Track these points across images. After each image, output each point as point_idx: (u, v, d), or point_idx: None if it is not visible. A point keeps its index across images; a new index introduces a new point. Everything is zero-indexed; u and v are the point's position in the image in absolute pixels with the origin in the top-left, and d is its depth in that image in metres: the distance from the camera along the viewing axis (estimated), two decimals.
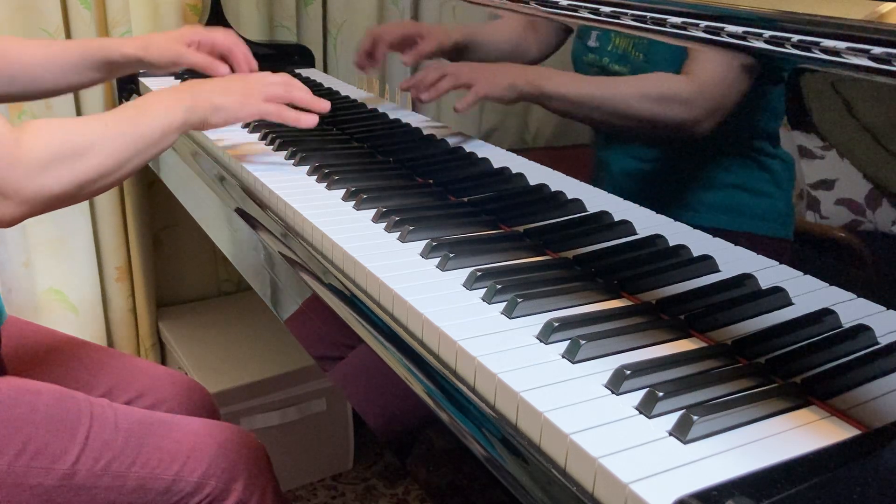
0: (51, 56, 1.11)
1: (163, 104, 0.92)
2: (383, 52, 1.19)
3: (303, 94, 1.05)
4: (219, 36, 1.20)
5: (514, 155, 0.96)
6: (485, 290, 0.72)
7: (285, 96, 1.03)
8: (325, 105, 1.06)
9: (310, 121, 1.04)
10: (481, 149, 1.01)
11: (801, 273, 0.65)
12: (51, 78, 1.12)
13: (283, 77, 1.05)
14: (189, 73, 1.55)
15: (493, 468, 0.56)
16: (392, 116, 1.18)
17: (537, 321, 0.67)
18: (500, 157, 0.98)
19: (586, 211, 0.87)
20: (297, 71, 1.49)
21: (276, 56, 1.54)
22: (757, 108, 0.67)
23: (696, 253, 0.75)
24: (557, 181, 0.90)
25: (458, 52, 1.03)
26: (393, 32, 1.16)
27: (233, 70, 1.20)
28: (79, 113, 1.60)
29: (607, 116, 0.82)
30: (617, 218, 0.83)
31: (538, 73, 0.90)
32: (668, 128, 0.75)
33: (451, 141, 1.06)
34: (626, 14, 0.77)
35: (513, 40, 0.94)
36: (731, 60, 0.68)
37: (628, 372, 0.58)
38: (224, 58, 1.20)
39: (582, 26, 0.83)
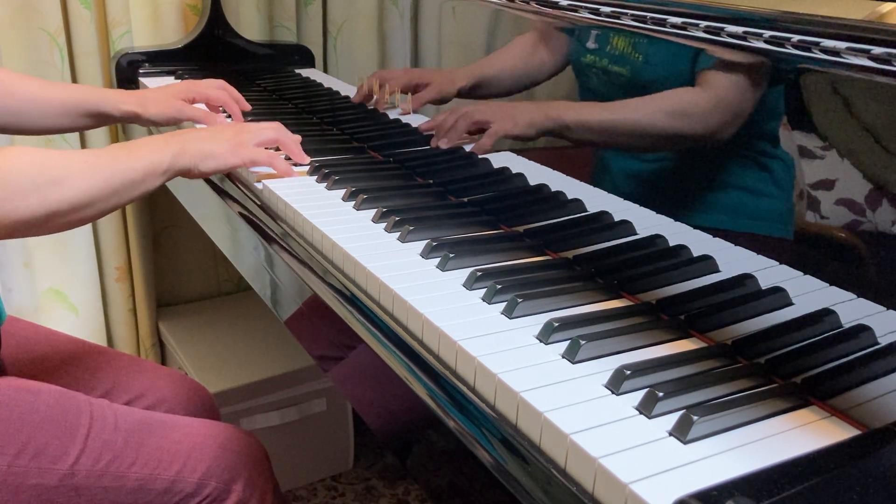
0: (44, 96, 1.11)
1: (150, 147, 0.91)
2: (385, 94, 1.19)
3: (291, 144, 1.05)
4: (211, 92, 1.23)
5: (514, 155, 0.96)
6: (485, 290, 0.72)
7: (276, 142, 1.04)
8: (307, 159, 1.07)
9: (299, 173, 1.04)
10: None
11: (801, 273, 0.65)
12: (41, 118, 1.12)
13: (274, 125, 1.05)
14: (189, 75, 1.55)
15: (492, 468, 0.56)
16: (392, 116, 1.18)
17: (537, 321, 0.67)
18: (500, 157, 0.98)
19: (586, 211, 0.87)
20: (297, 71, 1.49)
21: (276, 56, 1.54)
22: (757, 109, 0.67)
23: (696, 253, 0.75)
24: (557, 181, 0.90)
25: (467, 92, 1.03)
26: (400, 78, 1.17)
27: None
28: (82, 142, 1.60)
29: (629, 139, 0.81)
30: (617, 218, 0.83)
31: (555, 106, 0.89)
32: (687, 140, 0.75)
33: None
34: (626, 14, 0.77)
35: (524, 62, 0.93)
36: (745, 65, 0.68)
37: (628, 372, 0.58)
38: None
39: (581, 28, 0.83)
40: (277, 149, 1.07)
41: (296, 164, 1.06)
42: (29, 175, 0.80)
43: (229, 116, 1.29)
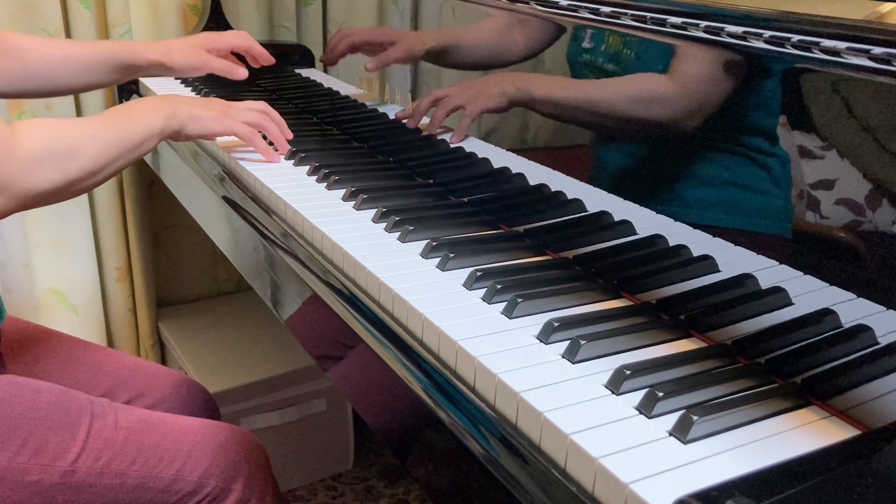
0: (72, 55, 1.14)
1: (145, 111, 0.95)
2: (347, 52, 1.21)
3: (275, 131, 1.09)
4: (235, 40, 1.25)
5: (514, 155, 0.96)
6: (485, 290, 0.72)
7: (260, 125, 1.07)
8: (286, 148, 1.10)
9: (274, 158, 1.08)
10: (481, 149, 1.01)
11: (801, 273, 0.65)
12: (69, 76, 1.15)
13: (262, 106, 1.09)
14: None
15: (492, 468, 0.56)
16: (392, 116, 1.18)
17: (537, 321, 0.67)
18: (500, 157, 0.98)
19: (586, 211, 0.87)
20: (297, 71, 1.49)
21: (276, 56, 1.54)
22: (756, 108, 0.67)
23: (696, 253, 0.75)
24: (557, 181, 0.90)
25: (434, 56, 1.05)
26: (366, 35, 1.19)
27: (252, 68, 1.27)
28: (79, 112, 1.60)
29: (595, 118, 0.83)
30: (617, 218, 0.83)
31: (525, 78, 0.91)
32: (658, 127, 0.75)
33: (451, 141, 1.06)
34: (626, 14, 0.77)
35: (494, 39, 0.94)
36: (716, 59, 0.68)
37: (628, 372, 0.58)
38: (242, 59, 1.26)
39: (577, 27, 0.83)
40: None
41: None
42: (47, 147, 0.83)
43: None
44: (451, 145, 1.04)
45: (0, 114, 1.34)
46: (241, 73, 1.22)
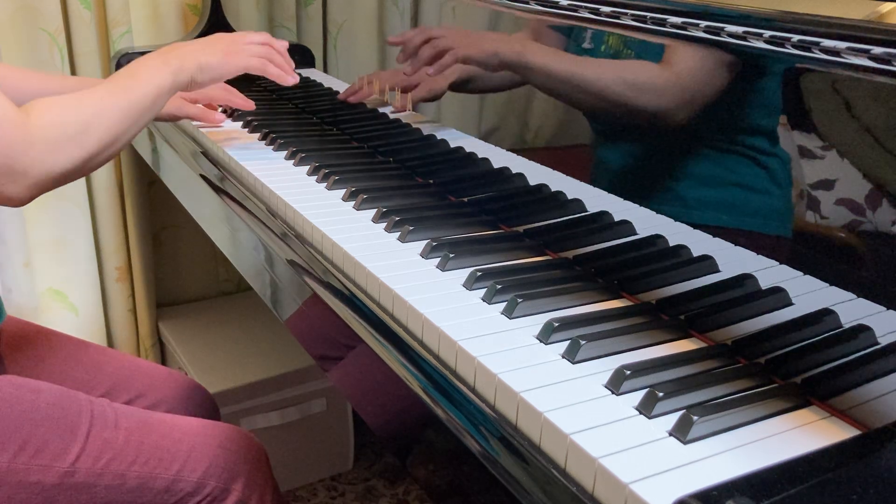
0: (48, 89, 1.11)
1: (151, 70, 0.93)
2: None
3: (282, 61, 1.07)
4: (213, 92, 1.25)
5: (514, 155, 0.96)
6: (485, 290, 0.72)
7: (267, 56, 1.05)
8: (294, 79, 1.08)
9: (292, 81, 1.06)
10: (481, 149, 1.01)
11: (801, 273, 0.65)
12: None
13: (263, 36, 1.07)
14: None
15: (492, 468, 0.56)
16: (392, 116, 1.18)
17: (537, 321, 0.67)
18: (500, 157, 0.98)
19: (586, 211, 0.87)
20: (297, 71, 1.49)
21: None
22: (756, 108, 0.67)
23: (696, 253, 0.75)
24: (557, 181, 0.90)
25: (460, 86, 1.03)
26: (386, 80, 1.18)
27: (232, 112, 1.29)
28: None
29: (585, 96, 0.82)
30: (617, 218, 0.83)
31: (525, 44, 0.90)
32: (654, 123, 0.75)
33: (451, 141, 1.06)
34: (626, 14, 0.77)
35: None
36: (709, 53, 0.68)
37: (628, 372, 0.58)
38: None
39: (578, 27, 0.83)
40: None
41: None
42: (62, 127, 0.82)
43: (230, 115, 1.30)
44: (430, 73, 1.02)
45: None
46: (218, 118, 1.24)
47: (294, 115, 1.34)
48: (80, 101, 0.86)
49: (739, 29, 0.66)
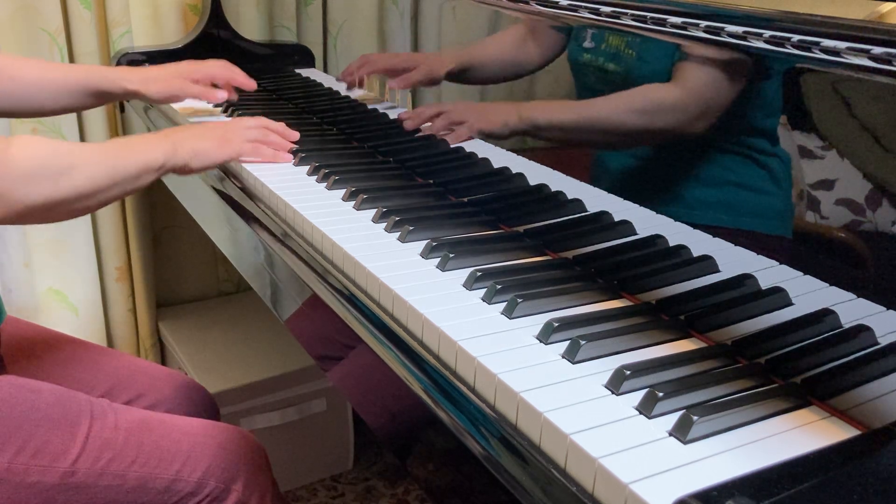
0: (46, 78, 1.13)
1: (145, 145, 0.95)
2: (371, 74, 1.21)
3: (277, 139, 1.10)
4: (214, 69, 1.26)
5: (514, 155, 0.96)
6: (485, 290, 0.72)
7: (262, 140, 1.08)
8: (289, 156, 1.10)
9: (285, 158, 1.09)
10: (481, 149, 1.01)
11: (801, 273, 0.65)
12: (43, 98, 1.15)
13: (259, 121, 1.10)
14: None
15: (492, 468, 0.56)
16: (392, 116, 1.18)
17: (537, 321, 0.67)
18: (500, 157, 0.98)
19: (586, 211, 0.87)
20: (297, 71, 1.49)
21: (276, 56, 1.54)
22: (757, 108, 0.67)
23: (696, 253, 0.75)
24: (557, 181, 0.90)
25: (455, 76, 1.04)
26: (388, 61, 1.19)
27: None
28: (81, 123, 1.60)
29: (602, 136, 0.83)
30: (617, 218, 0.83)
31: (528, 107, 0.92)
32: (664, 135, 0.75)
33: (452, 141, 1.06)
34: (626, 14, 0.77)
35: (511, 52, 0.94)
36: (719, 61, 0.68)
37: (628, 372, 0.58)
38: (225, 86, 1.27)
39: (578, 26, 0.83)
40: None
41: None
42: (41, 163, 0.83)
43: (228, 112, 1.30)
44: (452, 144, 1.04)
45: (2, 131, 1.34)
46: (220, 95, 1.23)
47: (294, 115, 1.34)
48: (67, 147, 0.88)
49: (739, 29, 0.66)
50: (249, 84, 1.26)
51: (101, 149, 0.91)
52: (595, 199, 0.85)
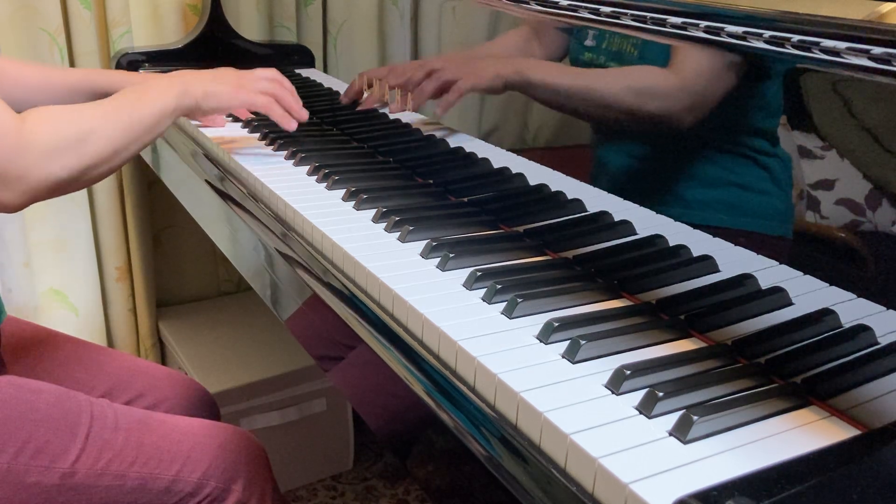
0: (49, 81, 1.13)
1: (156, 91, 0.94)
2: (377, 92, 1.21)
3: (290, 100, 1.08)
4: None
5: (514, 155, 0.96)
6: (485, 290, 0.72)
7: (275, 94, 1.06)
8: (305, 115, 1.09)
9: (292, 125, 1.07)
10: (481, 149, 1.01)
11: (801, 273, 0.65)
12: (45, 101, 1.13)
13: (274, 74, 1.08)
14: None
15: (492, 468, 0.56)
16: (392, 116, 1.18)
17: (537, 321, 0.67)
18: (500, 157, 0.98)
19: (586, 211, 0.87)
20: (297, 71, 1.49)
21: (276, 56, 1.54)
22: (756, 108, 0.67)
23: (696, 253, 0.75)
24: (557, 181, 0.90)
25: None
26: (398, 76, 1.17)
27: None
28: None
29: (590, 107, 0.82)
30: (617, 218, 0.83)
31: (524, 62, 0.91)
32: (653, 123, 0.75)
33: (451, 141, 1.06)
34: (626, 14, 0.77)
35: (516, 55, 0.94)
36: (717, 55, 0.68)
37: (628, 372, 0.58)
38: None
39: (578, 26, 0.83)
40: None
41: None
42: (60, 135, 0.82)
43: (229, 115, 1.30)
44: (438, 114, 1.03)
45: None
46: (217, 121, 1.23)
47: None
48: (80, 112, 0.86)
49: (739, 29, 0.66)
50: (244, 113, 1.26)
51: (113, 105, 0.89)
52: (595, 199, 0.85)
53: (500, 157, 0.98)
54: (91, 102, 0.90)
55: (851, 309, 0.62)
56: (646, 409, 0.56)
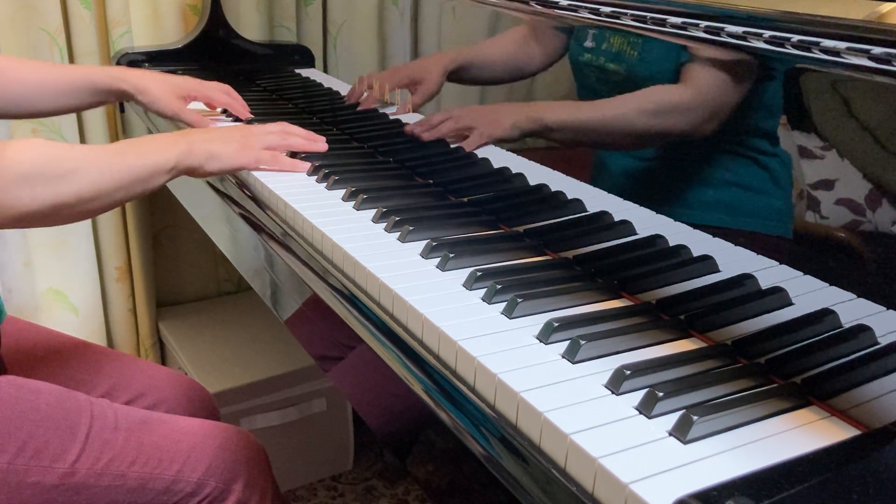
0: (49, 79, 1.12)
1: (157, 145, 0.92)
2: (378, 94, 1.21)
3: (300, 142, 1.06)
4: (215, 94, 1.25)
5: (514, 155, 0.96)
6: (485, 290, 0.72)
7: (283, 145, 1.05)
8: (322, 145, 1.07)
9: (304, 167, 1.05)
10: (481, 149, 1.01)
11: (801, 273, 0.65)
12: (45, 99, 1.14)
13: (280, 126, 1.07)
14: (190, 75, 1.55)
15: (492, 468, 0.56)
16: (392, 116, 1.18)
17: (537, 321, 0.67)
18: (500, 157, 0.98)
19: (586, 211, 0.87)
20: (297, 71, 1.49)
21: (276, 56, 1.54)
22: (752, 107, 0.67)
23: (696, 253, 0.75)
24: (557, 181, 0.90)
25: (458, 75, 1.04)
26: (389, 78, 1.18)
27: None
28: (81, 124, 1.60)
29: (612, 137, 0.82)
30: (617, 218, 0.83)
31: (537, 108, 0.91)
32: (675, 137, 0.75)
33: (451, 141, 1.06)
34: (626, 14, 0.77)
35: (512, 53, 0.94)
36: (729, 62, 0.68)
37: (628, 372, 0.58)
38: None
39: (578, 26, 0.83)
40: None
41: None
42: (39, 166, 0.81)
43: (235, 119, 1.30)
44: (452, 144, 1.04)
45: (3, 131, 1.34)
46: (213, 126, 1.21)
47: (294, 115, 1.34)
48: (69, 150, 0.85)
49: (739, 29, 0.66)
50: (244, 114, 1.25)
51: (109, 151, 0.88)
52: (595, 199, 0.85)
53: (500, 157, 0.98)
54: (85, 145, 0.89)
55: (851, 309, 0.62)
56: (646, 409, 0.56)
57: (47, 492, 0.84)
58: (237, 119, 1.28)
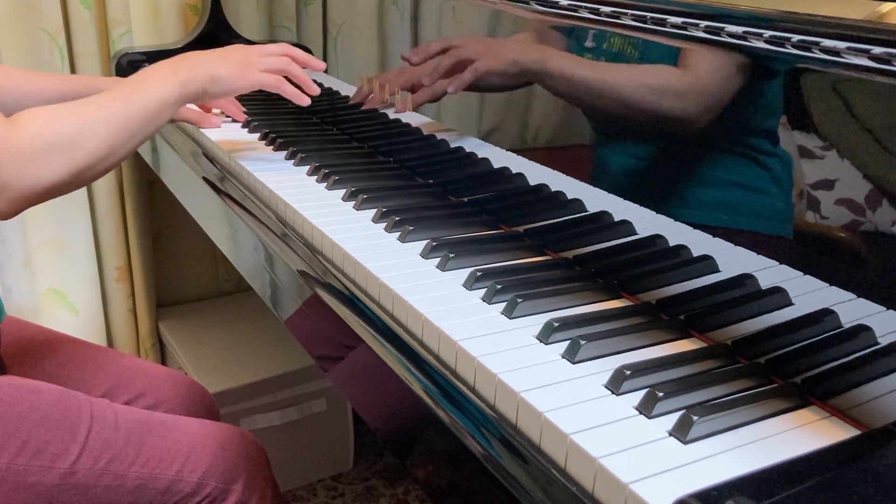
0: (49, 88, 1.11)
1: (156, 79, 0.89)
2: (385, 94, 1.18)
3: (300, 73, 1.02)
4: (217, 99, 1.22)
5: (514, 155, 0.96)
6: (485, 290, 0.72)
7: (284, 69, 1.01)
8: (315, 89, 1.04)
9: (305, 101, 1.02)
10: (481, 149, 1.01)
11: (801, 273, 0.65)
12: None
13: (281, 48, 1.03)
14: None
15: (492, 468, 0.56)
16: (392, 116, 1.17)
17: (537, 321, 0.67)
18: (500, 157, 0.98)
19: (586, 211, 0.87)
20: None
21: None
22: (757, 108, 0.67)
23: (696, 253, 0.75)
24: (557, 181, 0.90)
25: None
26: (397, 79, 1.13)
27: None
28: None
29: (604, 102, 0.81)
30: (617, 218, 0.83)
31: (545, 51, 0.89)
32: (666, 122, 0.75)
33: (451, 141, 1.06)
34: (626, 14, 0.76)
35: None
36: (730, 60, 0.68)
37: (628, 372, 0.58)
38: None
39: (579, 27, 0.83)
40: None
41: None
42: (50, 138, 0.79)
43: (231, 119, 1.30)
44: (449, 91, 1.00)
45: None
46: (215, 122, 1.17)
47: (294, 115, 1.34)
48: (72, 112, 0.82)
49: (739, 29, 0.66)
50: (240, 117, 1.24)
51: (110, 100, 0.85)
52: (595, 199, 0.85)
53: (500, 157, 0.98)
54: (85, 99, 0.85)
55: (851, 309, 0.62)
56: (646, 409, 0.56)
57: (47, 492, 0.84)
58: (233, 121, 1.28)
